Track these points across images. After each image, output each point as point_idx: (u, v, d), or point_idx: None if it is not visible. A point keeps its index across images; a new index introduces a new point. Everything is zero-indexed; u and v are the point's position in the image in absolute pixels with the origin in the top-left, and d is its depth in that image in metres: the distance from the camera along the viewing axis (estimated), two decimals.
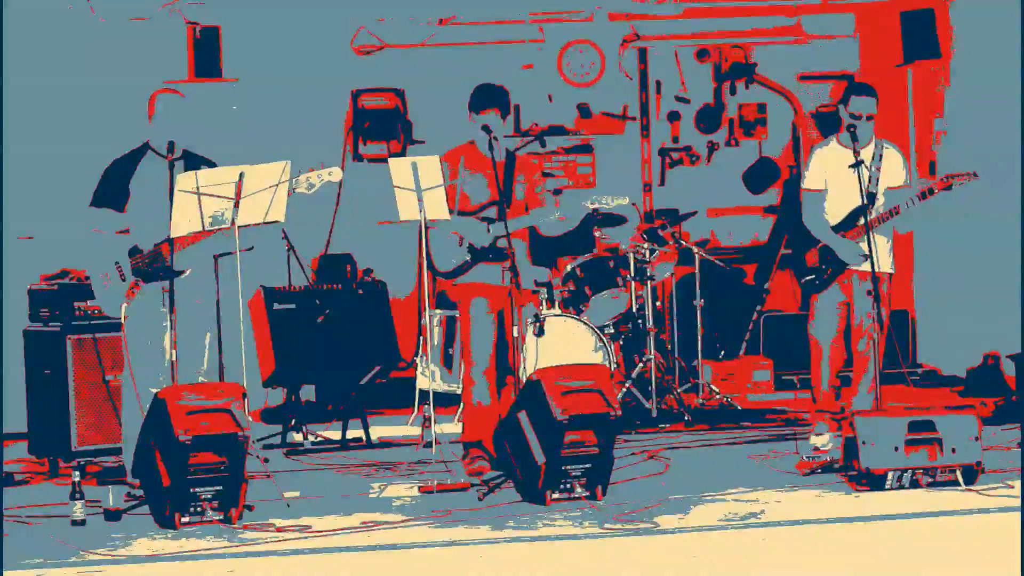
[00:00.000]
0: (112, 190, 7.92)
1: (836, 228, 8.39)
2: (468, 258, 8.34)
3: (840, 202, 8.41)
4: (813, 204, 8.55)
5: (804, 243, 8.59)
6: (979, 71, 10.95)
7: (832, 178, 8.42)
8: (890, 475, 7.58)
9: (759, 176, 12.35)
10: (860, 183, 8.12)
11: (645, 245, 10.19)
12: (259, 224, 7.81)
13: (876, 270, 8.04)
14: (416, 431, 9.55)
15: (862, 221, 8.24)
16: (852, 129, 8.21)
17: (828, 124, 12.12)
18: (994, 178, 8.93)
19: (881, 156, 8.32)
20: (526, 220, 8.33)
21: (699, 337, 10.46)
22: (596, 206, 8.21)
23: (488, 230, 8.32)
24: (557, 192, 10.56)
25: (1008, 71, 10.32)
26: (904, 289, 11.83)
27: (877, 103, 8.32)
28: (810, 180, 8.56)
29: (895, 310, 11.59)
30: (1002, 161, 10.42)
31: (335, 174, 7.96)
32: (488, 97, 8.35)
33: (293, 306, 9.83)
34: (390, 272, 10.94)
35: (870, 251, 8.04)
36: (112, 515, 7.42)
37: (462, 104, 8.43)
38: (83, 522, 7.36)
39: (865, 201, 8.18)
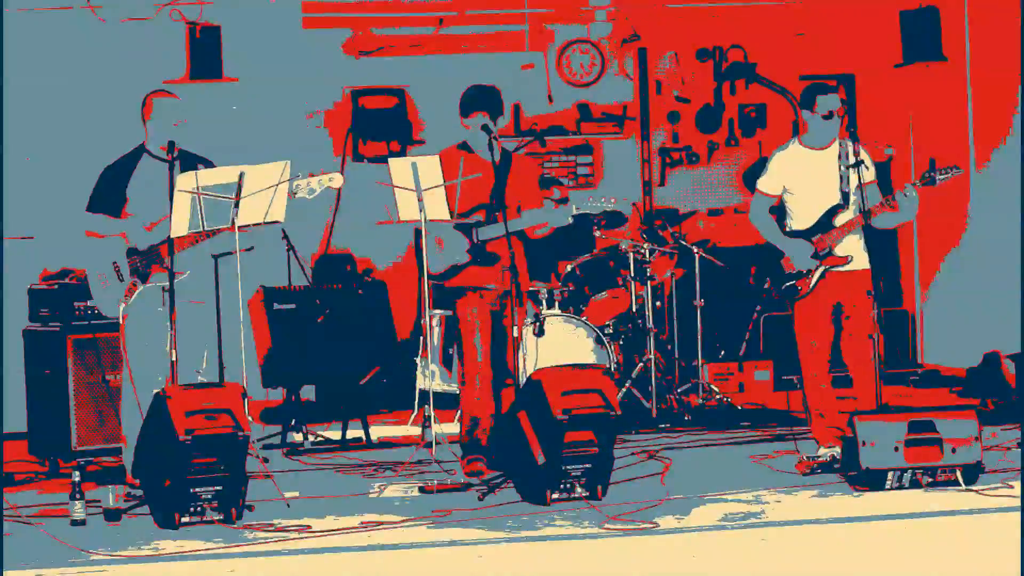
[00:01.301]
0: (108, 195, 7.91)
1: (811, 231, 8.34)
2: (457, 261, 8.32)
3: (809, 205, 8.30)
4: (761, 205, 8.47)
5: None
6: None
7: (797, 182, 8.31)
8: (890, 475, 7.58)
9: (759, 176, 12.33)
10: (860, 182, 8.10)
11: (645, 245, 10.19)
12: (259, 224, 7.80)
13: (846, 268, 8.06)
14: (416, 431, 9.55)
15: (839, 221, 8.22)
16: (852, 129, 8.20)
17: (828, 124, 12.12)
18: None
19: (848, 154, 8.26)
20: (518, 223, 8.28)
21: (699, 337, 10.46)
22: (580, 211, 8.19)
23: (475, 235, 8.29)
24: (563, 200, 10.58)
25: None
26: (906, 289, 11.84)
27: (842, 99, 8.27)
28: (765, 183, 8.45)
29: (899, 310, 11.64)
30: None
31: (336, 180, 7.95)
32: (476, 100, 8.31)
33: (293, 306, 9.83)
34: (390, 273, 10.96)
35: (865, 250, 8.04)
36: (112, 515, 7.43)
37: None
38: (83, 522, 7.36)
39: (850, 204, 8.17)
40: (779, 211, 8.48)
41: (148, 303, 7.86)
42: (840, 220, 8.22)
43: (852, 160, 8.09)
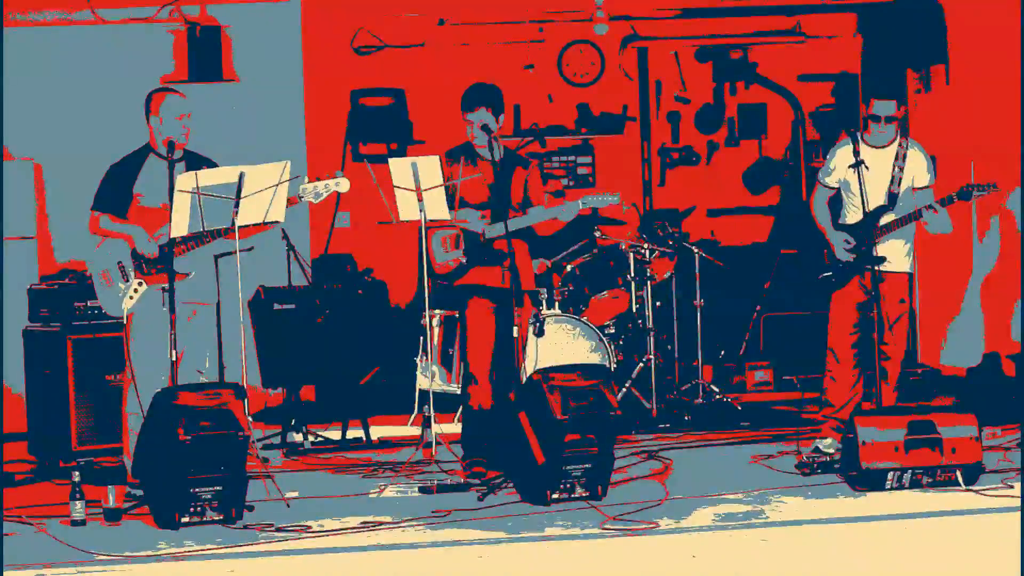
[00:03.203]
0: (114, 194, 7.91)
1: (854, 227, 8.38)
2: (464, 260, 8.33)
3: (860, 203, 8.33)
4: (821, 196, 8.57)
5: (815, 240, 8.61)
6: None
7: (853, 178, 8.40)
8: (890, 475, 7.58)
9: (759, 176, 12.36)
10: (860, 184, 8.14)
11: (645, 245, 10.20)
12: (259, 224, 7.81)
13: (879, 269, 8.11)
14: (416, 431, 9.55)
15: (881, 222, 8.27)
16: (852, 130, 8.26)
17: (828, 124, 12.13)
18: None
19: (905, 156, 8.32)
20: (524, 220, 8.29)
21: (699, 337, 10.46)
22: (587, 206, 8.22)
23: (483, 234, 8.30)
24: (558, 194, 10.57)
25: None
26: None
27: (898, 105, 8.32)
28: (825, 175, 8.55)
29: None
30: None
31: (342, 184, 7.95)
32: (479, 95, 8.34)
33: (293, 306, 9.83)
34: (390, 272, 10.96)
35: (868, 250, 8.08)
36: (112, 515, 7.43)
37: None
38: (83, 522, 7.36)
39: (886, 202, 8.25)
40: (835, 204, 8.58)
41: (151, 303, 7.85)
42: (884, 221, 8.29)
43: (901, 160, 8.18)
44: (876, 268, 8.12)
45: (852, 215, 8.44)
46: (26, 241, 10.36)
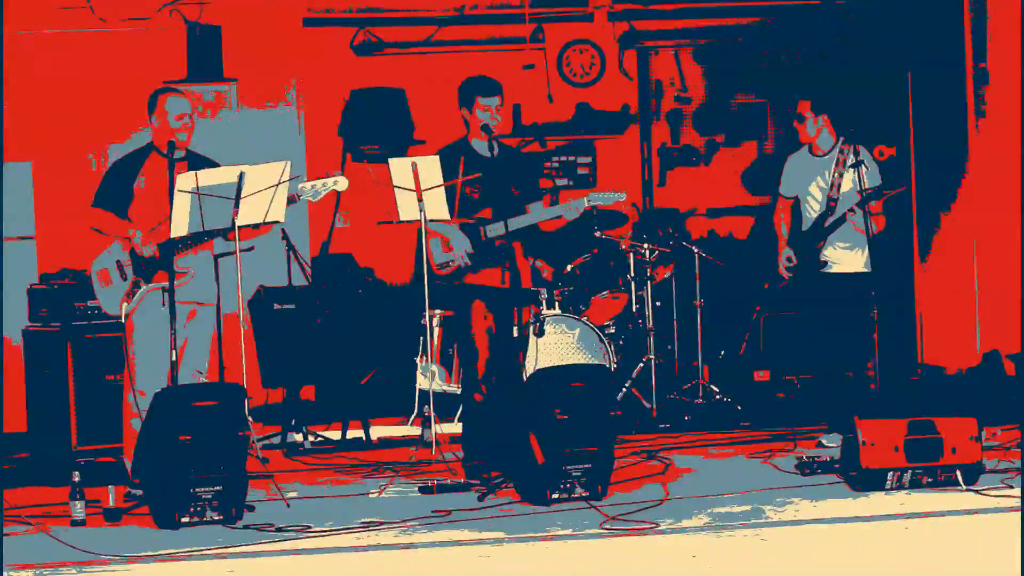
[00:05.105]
0: (115, 192, 7.92)
1: (807, 233, 8.75)
2: (464, 261, 8.32)
3: (812, 209, 8.77)
4: (780, 208, 9.00)
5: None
6: None
7: (803, 186, 8.80)
8: (890, 475, 7.58)
9: (759, 176, 12.35)
10: (860, 184, 8.32)
11: (645, 245, 10.20)
12: (259, 225, 7.81)
13: (827, 272, 8.47)
14: (416, 431, 9.55)
15: (827, 225, 8.65)
16: (851, 130, 8.49)
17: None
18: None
19: (845, 162, 8.58)
20: (527, 219, 8.31)
21: (699, 337, 10.46)
22: (592, 204, 8.24)
23: (484, 233, 8.30)
24: (553, 196, 10.58)
25: None
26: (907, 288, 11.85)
27: (814, 106, 8.68)
28: (783, 185, 8.98)
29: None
30: None
31: (341, 183, 7.96)
32: (492, 84, 8.34)
33: (293, 306, 9.83)
34: (390, 272, 10.95)
35: (814, 257, 8.35)
36: (112, 515, 7.43)
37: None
38: (83, 522, 7.37)
39: (825, 208, 8.63)
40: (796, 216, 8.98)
41: (151, 303, 7.85)
42: (828, 224, 8.66)
43: (852, 160, 8.38)
44: (874, 268, 8.33)
45: (806, 224, 8.82)
46: (26, 241, 10.36)
